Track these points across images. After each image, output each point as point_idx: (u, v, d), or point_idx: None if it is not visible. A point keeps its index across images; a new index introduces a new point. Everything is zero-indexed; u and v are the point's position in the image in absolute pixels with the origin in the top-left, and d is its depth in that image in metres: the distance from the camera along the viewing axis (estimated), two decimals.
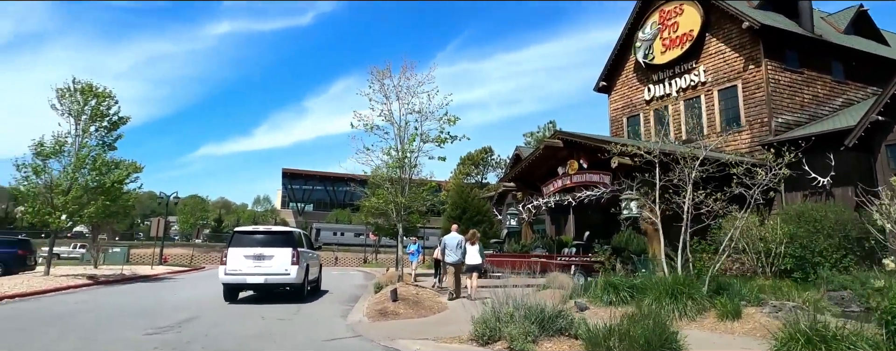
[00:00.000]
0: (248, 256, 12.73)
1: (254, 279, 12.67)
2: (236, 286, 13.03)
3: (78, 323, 8.95)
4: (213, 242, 62.99)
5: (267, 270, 12.62)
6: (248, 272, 12.64)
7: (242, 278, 12.72)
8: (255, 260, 12.68)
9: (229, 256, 12.77)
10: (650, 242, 16.89)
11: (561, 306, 7.65)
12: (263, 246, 12.89)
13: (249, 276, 12.65)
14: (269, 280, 12.66)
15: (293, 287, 13.27)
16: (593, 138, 20.21)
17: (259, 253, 12.75)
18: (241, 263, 12.67)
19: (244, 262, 12.68)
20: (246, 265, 12.65)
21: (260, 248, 12.84)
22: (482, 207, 27.46)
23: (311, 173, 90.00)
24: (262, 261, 12.67)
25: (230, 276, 12.72)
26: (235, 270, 12.65)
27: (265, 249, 12.84)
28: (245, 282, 12.79)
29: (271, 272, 12.64)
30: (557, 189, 21.93)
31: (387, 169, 14.39)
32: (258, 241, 13.10)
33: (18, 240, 21.73)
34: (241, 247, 12.90)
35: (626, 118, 26.90)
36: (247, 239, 13.19)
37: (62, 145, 18.65)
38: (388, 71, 14.47)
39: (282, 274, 12.69)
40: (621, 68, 27.39)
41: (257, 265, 12.65)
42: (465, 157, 46.85)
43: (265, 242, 13.06)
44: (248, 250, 12.81)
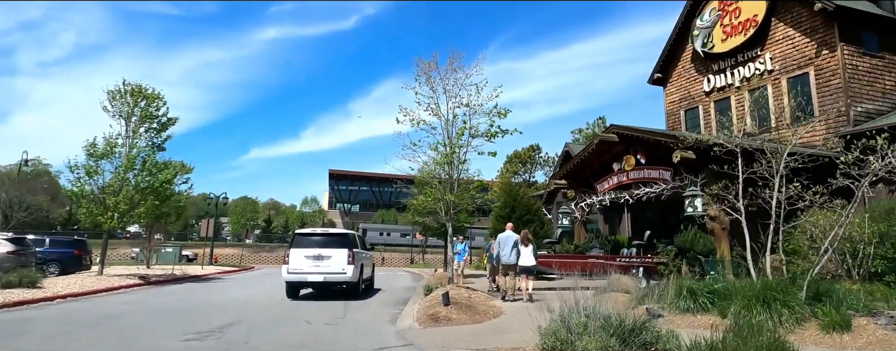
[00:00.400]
0: (308, 256, 13.71)
1: (313, 277, 13.64)
2: (298, 284, 14.01)
3: (118, 326, 8.63)
4: (263, 242, 64.05)
5: (325, 269, 13.59)
6: (309, 271, 13.62)
7: (303, 277, 13.72)
8: (314, 260, 13.65)
9: (291, 256, 13.82)
10: (718, 242, 15.68)
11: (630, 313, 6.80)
12: (322, 247, 13.86)
13: (309, 274, 13.64)
14: (327, 279, 13.62)
15: (349, 285, 14.05)
16: (652, 132, 19.01)
17: (318, 253, 13.72)
18: (301, 262, 13.67)
19: (305, 261, 13.66)
20: (306, 265, 13.64)
21: (319, 248, 13.83)
22: (532, 205, 26.49)
23: (357, 174, 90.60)
24: (321, 261, 13.64)
25: (292, 274, 13.73)
26: (297, 269, 13.66)
27: (323, 249, 13.80)
28: (306, 280, 13.80)
29: (329, 271, 13.59)
30: (612, 186, 20.83)
31: (435, 165, 13.70)
32: (317, 242, 14.07)
33: (74, 240, 22.17)
34: (301, 248, 13.90)
35: (684, 111, 25.43)
36: (307, 240, 14.18)
37: (113, 146, 18.83)
38: (435, 63, 13.81)
39: (339, 273, 13.61)
40: (677, 59, 25.93)
41: (317, 265, 13.63)
42: (511, 156, 45.86)
43: (323, 243, 14.01)
44: (307, 251, 13.78)
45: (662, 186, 18.11)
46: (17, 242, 17.49)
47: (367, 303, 13.06)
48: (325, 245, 13.92)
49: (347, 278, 13.73)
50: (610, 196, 21.10)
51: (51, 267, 20.06)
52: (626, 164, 20.04)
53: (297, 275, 13.74)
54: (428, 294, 12.42)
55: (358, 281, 14.21)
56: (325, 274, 13.59)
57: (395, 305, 12.45)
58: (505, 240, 12.68)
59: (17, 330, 8.22)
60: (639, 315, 7.21)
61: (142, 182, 18.94)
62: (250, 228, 68.96)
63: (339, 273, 13.63)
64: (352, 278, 13.79)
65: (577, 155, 23.41)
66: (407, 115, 13.91)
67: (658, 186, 18.35)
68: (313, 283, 13.94)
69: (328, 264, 13.62)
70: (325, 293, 14.89)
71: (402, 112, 13.91)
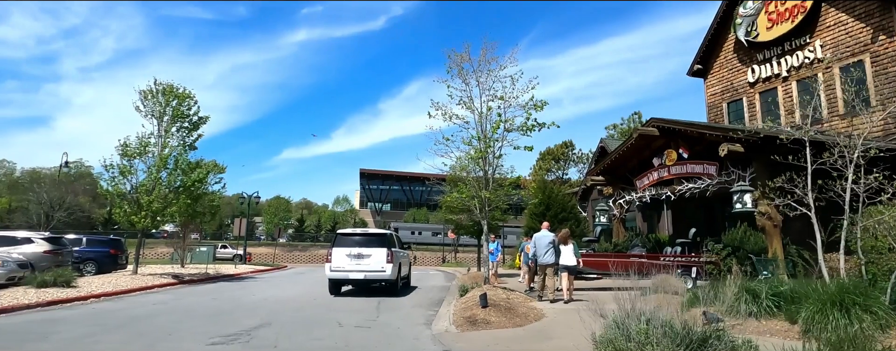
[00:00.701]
0: (349, 255, 14.40)
1: (354, 275, 14.37)
2: (340, 281, 14.72)
3: (146, 328, 8.36)
4: (296, 241, 64.52)
5: (365, 267, 14.28)
6: (350, 269, 14.33)
7: (345, 274, 14.41)
8: (355, 259, 14.34)
9: (333, 255, 14.56)
10: (769, 240, 14.78)
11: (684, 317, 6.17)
12: (362, 246, 14.51)
13: (351, 272, 14.34)
14: (367, 276, 14.32)
15: (388, 283, 14.70)
16: (696, 124, 18.12)
17: (358, 252, 14.39)
18: (343, 261, 14.38)
19: (346, 260, 14.37)
20: (348, 263, 14.34)
21: (359, 248, 14.48)
22: (567, 203, 25.75)
23: (388, 173, 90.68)
24: (362, 259, 14.33)
25: (335, 272, 14.48)
26: (339, 268, 14.41)
27: (363, 248, 14.45)
28: (347, 277, 14.48)
29: (369, 269, 14.26)
30: (653, 182, 19.97)
31: (469, 160, 13.15)
32: (357, 242, 14.73)
33: (110, 240, 22.35)
34: (343, 247, 14.58)
35: (727, 103, 24.32)
36: (348, 240, 14.87)
37: (146, 146, 18.85)
38: (467, 54, 13.24)
39: (378, 271, 14.26)
40: (719, 49, 24.83)
41: (357, 263, 14.31)
42: (544, 153, 44.92)
43: (363, 242, 14.66)
44: (349, 250, 14.46)
45: (707, 181, 17.23)
46: (53, 242, 17.64)
47: (401, 303, 12.62)
48: (365, 244, 14.55)
49: (386, 276, 14.34)
50: (650, 193, 20.28)
51: (88, 266, 20.25)
52: (667, 159, 19.19)
53: (340, 273, 14.42)
54: (463, 295, 11.91)
55: (396, 279, 14.83)
56: (365, 272, 14.27)
57: (429, 306, 11.98)
58: (541, 239, 12.15)
59: (44, 331, 8.01)
60: (695, 320, 6.57)
61: (174, 181, 18.93)
62: (283, 227, 69.54)
63: (379, 271, 14.25)
64: (390, 276, 14.38)
65: (615, 150, 22.58)
66: (439, 110, 13.42)
67: (702, 182, 17.47)
68: (354, 280, 14.62)
69: (368, 263, 14.26)
70: (359, 291, 15.13)
71: (433, 106, 13.42)
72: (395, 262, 14.67)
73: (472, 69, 13.25)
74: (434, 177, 21.15)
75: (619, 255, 16.67)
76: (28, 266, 15.23)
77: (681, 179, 18.58)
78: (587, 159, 46.11)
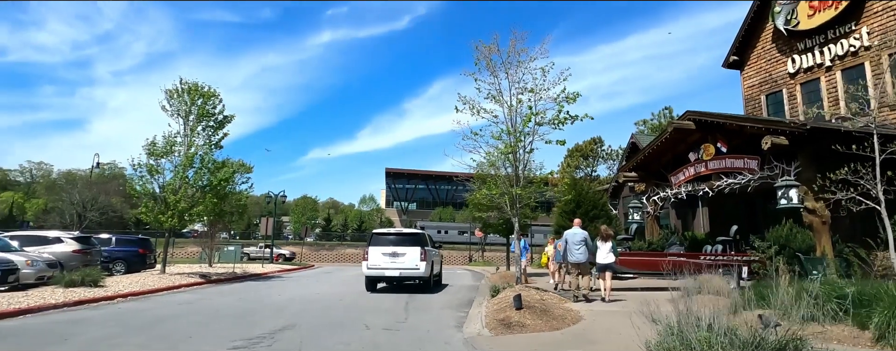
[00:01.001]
0: (385, 253, 15.03)
1: (390, 273, 15.00)
2: (376, 278, 15.40)
3: (167, 331, 8.08)
4: (323, 240, 64.73)
5: (400, 265, 14.90)
6: (385, 267, 14.96)
7: (381, 272, 15.04)
8: (390, 257, 14.97)
9: (370, 253, 15.17)
10: (817, 238, 13.99)
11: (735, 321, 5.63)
12: (396, 245, 15.14)
13: (386, 270, 14.97)
14: (402, 273, 14.98)
15: (421, 280, 15.43)
16: (736, 117, 17.32)
17: (393, 251, 15.02)
18: (379, 259, 15.03)
19: (382, 258, 15.01)
20: (383, 261, 14.98)
21: (394, 246, 15.11)
22: (598, 200, 25.03)
23: (414, 172, 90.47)
24: (396, 258, 14.97)
25: (371, 270, 15.12)
26: (375, 266, 15.04)
27: (398, 247, 15.08)
28: (383, 275, 15.13)
29: (404, 267, 14.88)
30: (689, 178, 19.19)
31: (499, 155, 12.64)
32: (392, 241, 15.39)
33: (139, 239, 22.43)
34: (378, 246, 15.23)
35: (765, 96, 23.32)
36: (383, 239, 15.54)
37: (172, 145, 18.79)
38: (495, 46, 12.75)
39: (413, 269, 14.89)
40: (756, 39, 23.83)
41: (393, 261, 14.94)
42: (572, 149, 44.05)
43: (398, 241, 15.31)
44: (384, 249, 15.10)
45: (749, 176, 16.44)
46: (82, 242, 17.69)
47: (430, 304, 12.20)
48: (400, 243, 15.18)
49: (420, 274, 14.94)
50: (686, 189, 19.51)
51: (117, 266, 20.32)
52: (704, 154, 18.41)
53: (376, 270, 15.07)
54: (495, 295, 11.43)
55: (429, 276, 15.48)
56: (400, 269, 14.90)
57: (459, 307, 11.53)
58: (573, 236, 11.59)
59: (65, 333, 7.80)
60: (749, 324, 6.00)
61: (200, 180, 18.86)
62: (310, 226, 69.87)
63: (413, 269, 14.87)
64: (424, 273, 14.99)
65: (648, 145, 21.81)
66: (466, 104, 12.96)
67: (743, 177, 16.68)
68: (390, 277, 15.26)
69: (403, 261, 14.89)
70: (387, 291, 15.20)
71: (461, 100, 12.97)
72: (428, 260, 15.21)
73: (501, 61, 12.78)
74: (460, 175, 20.73)
75: (656, 253, 15.99)
76: (57, 266, 15.24)
77: (719, 174, 17.81)
78: (616, 156, 45.13)
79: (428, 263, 15.11)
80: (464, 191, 72.80)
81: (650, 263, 14.40)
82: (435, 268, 16.78)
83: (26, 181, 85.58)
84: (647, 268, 14.37)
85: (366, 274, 15.28)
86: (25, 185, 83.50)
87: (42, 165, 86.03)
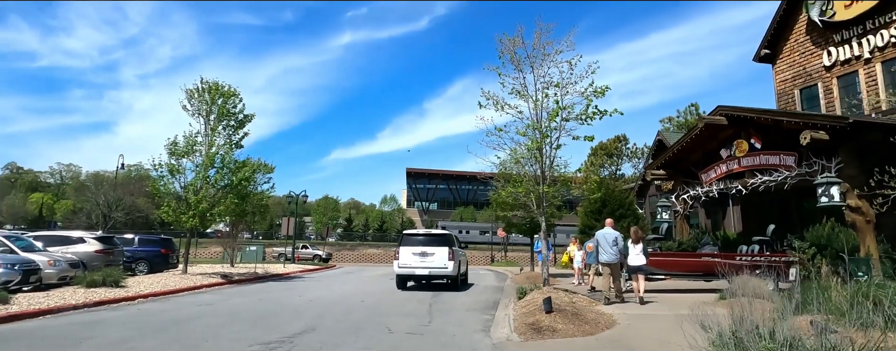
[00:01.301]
0: (415, 253, 15.65)
1: (420, 271, 15.63)
2: (406, 276, 16.15)
3: (184, 333, 7.82)
4: (345, 240, 64.80)
5: (430, 264, 15.53)
6: (415, 266, 15.59)
7: (411, 270, 15.70)
8: (420, 257, 15.61)
9: (401, 253, 15.85)
10: (861, 237, 13.29)
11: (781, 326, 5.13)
12: (426, 245, 15.76)
13: (416, 269, 15.61)
14: (431, 272, 15.61)
15: (449, 278, 15.97)
16: (771, 112, 16.63)
17: (423, 251, 15.65)
18: (409, 258, 15.68)
19: (412, 258, 15.65)
20: (413, 260, 15.64)
21: (423, 247, 15.73)
22: (624, 199, 24.38)
23: (434, 172, 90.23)
24: (426, 257, 15.59)
25: (402, 268, 15.81)
26: (406, 265, 15.73)
27: (427, 247, 15.69)
28: (413, 273, 15.81)
29: (433, 266, 15.50)
30: (721, 175, 18.50)
31: (526, 150, 12.18)
32: (421, 241, 16.02)
33: (162, 239, 22.43)
34: (409, 246, 15.88)
35: (799, 90, 22.46)
36: (413, 240, 16.23)
37: (193, 145, 18.70)
38: (520, 38, 12.30)
39: (441, 268, 15.49)
40: (789, 32, 22.97)
41: (422, 261, 15.56)
42: (596, 147, 43.22)
43: (427, 242, 15.95)
44: (414, 249, 15.72)
45: (785, 173, 15.73)
46: (104, 241, 17.68)
47: (454, 306, 11.81)
48: (429, 243, 15.80)
49: (448, 273, 15.52)
50: (717, 187, 18.83)
51: (140, 266, 20.33)
52: (736, 150, 17.71)
53: (407, 269, 15.74)
54: (522, 297, 10.99)
55: (457, 275, 16.04)
56: (429, 268, 15.53)
57: (484, 310, 11.11)
58: (604, 236, 11.16)
59: (80, 336, 7.58)
60: (800, 330, 5.49)
61: (221, 180, 18.75)
62: (332, 226, 70.00)
63: (442, 268, 15.46)
64: (452, 273, 15.57)
65: (677, 142, 21.13)
66: (490, 99, 12.54)
67: (779, 174, 15.97)
68: (420, 276, 15.93)
69: (432, 260, 15.51)
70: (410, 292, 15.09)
71: (484, 95, 12.55)
72: (456, 259, 15.80)
73: (526, 54, 12.33)
74: (483, 175, 20.34)
75: (689, 254, 15.38)
76: (79, 265, 15.20)
77: (753, 171, 17.12)
78: (641, 154, 44.21)
79: (455, 262, 15.68)
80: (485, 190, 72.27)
81: (684, 263, 13.83)
82: (462, 267, 17.33)
83: (56, 183, 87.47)
84: (681, 269, 13.79)
85: (397, 273, 15.97)
86: (55, 186, 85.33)
87: (71, 167, 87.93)
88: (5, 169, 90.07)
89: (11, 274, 12.37)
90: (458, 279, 16.20)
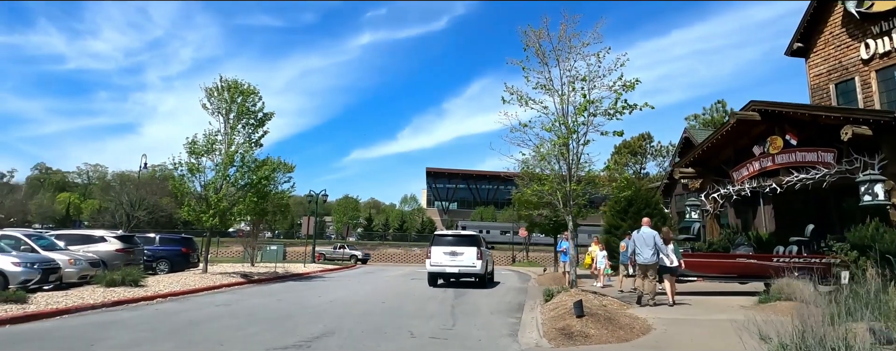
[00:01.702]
0: (446, 252, 16.76)
1: (450, 269, 16.71)
2: (437, 274, 17.18)
3: (199, 335, 7.54)
4: (365, 240, 64.76)
5: (459, 263, 16.62)
6: (446, 265, 16.70)
7: (442, 268, 16.80)
8: (450, 256, 16.72)
9: (433, 252, 17.04)
10: None
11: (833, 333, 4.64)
12: (455, 245, 16.88)
13: (447, 267, 16.70)
14: (461, 270, 16.65)
15: (477, 276, 16.89)
16: (808, 107, 15.97)
17: (453, 250, 16.74)
18: (441, 258, 16.82)
19: (443, 257, 16.77)
20: (444, 259, 16.75)
21: (453, 246, 16.84)
22: (651, 198, 23.71)
23: (454, 172, 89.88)
24: (455, 257, 16.70)
25: (434, 267, 16.97)
26: (437, 263, 16.88)
27: (457, 247, 16.80)
28: (444, 271, 16.86)
29: (462, 265, 16.57)
30: (754, 173, 17.84)
31: (552, 146, 11.69)
32: (451, 241, 17.15)
33: (182, 238, 22.37)
34: (440, 246, 17.01)
35: (834, 84, 21.55)
36: (444, 240, 17.33)
37: (213, 143, 18.57)
38: (545, 30, 11.82)
39: (470, 266, 16.56)
40: (823, 24, 22.08)
41: (452, 260, 16.68)
42: (620, 146, 42.45)
43: (456, 242, 17.09)
44: (445, 249, 16.84)
45: (823, 170, 15.04)
46: (125, 240, 17.63)
47: (478, 308, 11.39)
48: (458, 243, 16.91)
49: (476, 271, 16.55)
50: (749, 185, 18.14)
51: (161, 265, 20.28)
52: (771, 147, 17.04)
53: (438, 267, 16.85)
54: (548, 300, 10.53)
55: (484, 273, 17.10)
56: (459, 267, 16.59)
57: (509, 312, 10.68)
58: (642, 237, 10.69)
59: (93, 337, 7.34)
60: (857, 337, 4.98)
61: (241, 178, 18.59)
62: (352, 226, 70.00)
63: (470, 266, 16.52)
64: (480, 271, 16.58)
65: (707, 139, 20.46)
66: (514, 94, 12.09)
67: (817, 171, 15.28)
68: (450, 274, 16.89)
69: (461, 260, 16.61)
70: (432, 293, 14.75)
71: (508, 90, 12.10)
72: (483, 259, 16.82)
73: (551, 47, 11.86)
74: (507, 174, 19.95)
75: (723, 255, 14.75)
76: (100, 264, 15.13)
77: (788, 168, 16.44)
78: (666, 152, 43.31)
79: (483, 261, 16.75)
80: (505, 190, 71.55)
81: (718, 265, 13.22)
82: (488, 266, 18.51)
83: (83, 183, 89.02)
84: (715, 270, 13.19)
85: (429, 270, 17.17)
86: (82, 186, 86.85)
87: (98, 168, 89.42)
88: (35, 169, 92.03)
89: (31, 273, 12.28)
90: (484, 277, 17.27)
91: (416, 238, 66.54)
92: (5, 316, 9.10)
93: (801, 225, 18.09)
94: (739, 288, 14.04)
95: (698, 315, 9.18)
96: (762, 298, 10.40)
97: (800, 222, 18.63)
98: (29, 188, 76.69)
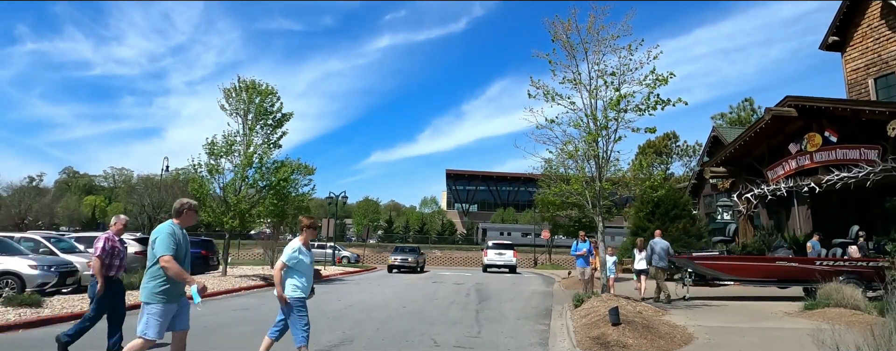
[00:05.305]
0: (495, 253, 29.92)
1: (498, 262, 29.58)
2: (489, 265, 29.89)
3: (212, 343, 7.20)
4: (385, 242, 64.49)
5: (502, 259, 29.55)
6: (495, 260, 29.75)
7: (493, 261, 29.76)
8: (498, 255, 29.65)
9: (488, 252, 30.38)
10: None
11: None
12: (501, 249, 30.17)
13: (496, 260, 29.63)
14: (504, 263, 29.42)
15: (511, 267, 29.58)
16: (849, 102, 15.19)
17: (499, 252, 29.79)
18: (493, 256, 29.85)
19: (494, 256, 29.81)
20: (495, 257, 29.82)
21: (500, 249, 30.13)
22: (679, 198, 22.94)
23: (474, 173, 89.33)
24: (500, 256, 29.64)
25: (488, 260, 30.00)
26: (491, 261, 29.84)
27: (501, 250, 30.03)
28: (494, 263, 29.71)
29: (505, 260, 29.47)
30: (790, 172, 17.06)
31: (581, 141, 11.14)
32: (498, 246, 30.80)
33: (201, 241, 22.19)
34: (492, 249, 30.38)
35: (874, 79, 20.60)
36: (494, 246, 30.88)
37: (232, 144, 18.35)
38: (573, 22, 11.31)
39: (509, 261, 29.42)
40: (860, 16, 21.14)
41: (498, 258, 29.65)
42: (644, 145, 41.48)
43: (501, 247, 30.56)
44: (495, 250, 30.18)
45: (867, 168, 14.25)
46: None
47: (503, 313, 10.89)
48: (502, 248, 30.25)
49: (512, 264, 29.53)
50: (784, 184, 17.34)
51: None
52: (808, 144, 16.25)
53: (490, 260, 29.78)
54: (578, 305, 9.99)
55: (514, 265, 29.90)
56: (503, 261, 29.39)
57: (536, 318, 10.16)
58: (660, 245, 10.42)
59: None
60: None
61: (261, 180, 18.36)
62: (372, 228, 69.82)
63: (509, 261, 29.39)
64: (513, 264, 29.71)
65: (738, 138, 19.67)
66: (539, 88, 11.60)
67: (859, 169, 14.50)
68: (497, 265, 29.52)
69: (504, 257, 29.54)
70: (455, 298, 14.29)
71: (534, 84, 11.62)
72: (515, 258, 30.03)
73: (579, 40, 11.33)
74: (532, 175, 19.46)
75: (761, 257, 14.01)
76: None
77: (827, 167, 15.65)
78: (692, 152, 42.28)
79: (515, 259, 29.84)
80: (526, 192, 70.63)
81: (756, 268, 12.50)
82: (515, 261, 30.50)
83: (109, 186, 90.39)
84: (752, 274, 12.48)
85: (484, 263, 30.24)
86: (108, 189, 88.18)
87: (123, 171, 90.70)
88: (62, 173, 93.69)
89: (47, 276, 12.09)
90: (514, 267, 29.83)
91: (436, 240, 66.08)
92: (19, 320, 8.89)
93: (839, 226, 17.24)
94: (777, 293, 13.32)
95: (741, 323, 8.57)
96: (809, 304, 9.74)
97: (838, 223, 17.78)
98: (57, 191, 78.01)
